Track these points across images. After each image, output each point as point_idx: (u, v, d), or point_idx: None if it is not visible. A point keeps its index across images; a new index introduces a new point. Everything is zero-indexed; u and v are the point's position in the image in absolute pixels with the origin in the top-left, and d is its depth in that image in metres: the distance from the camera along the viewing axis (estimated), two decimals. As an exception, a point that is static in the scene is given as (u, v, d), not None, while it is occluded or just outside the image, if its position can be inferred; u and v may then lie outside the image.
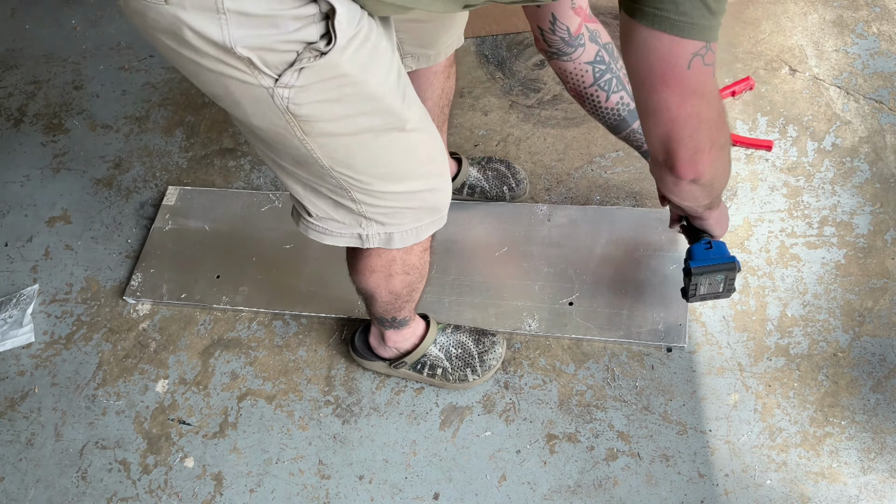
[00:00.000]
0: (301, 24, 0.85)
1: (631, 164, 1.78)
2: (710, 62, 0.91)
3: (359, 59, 0.90)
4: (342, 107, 0.94)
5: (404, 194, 1.11)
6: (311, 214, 1.15)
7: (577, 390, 1.53)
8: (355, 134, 0.99)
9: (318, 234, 1.18)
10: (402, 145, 1.05)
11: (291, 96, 0.90)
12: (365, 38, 0.90)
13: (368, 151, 1.02)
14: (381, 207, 1.12)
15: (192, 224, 1.91)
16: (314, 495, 1.52)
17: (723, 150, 1.05)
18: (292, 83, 0.89)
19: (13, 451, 1.69)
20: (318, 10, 0.85)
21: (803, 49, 1.88)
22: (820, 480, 1.37)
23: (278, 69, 0.88)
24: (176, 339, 1.77)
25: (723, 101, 1.02)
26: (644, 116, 1.00)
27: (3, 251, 2.02)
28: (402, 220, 1.15)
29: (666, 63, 0.90)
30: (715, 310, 1.55)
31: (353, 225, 1.15)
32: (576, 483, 1.44)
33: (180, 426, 1.65)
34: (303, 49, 0.87)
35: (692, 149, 0.99)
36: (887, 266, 1.55)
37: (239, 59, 0.86)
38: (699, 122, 0.97)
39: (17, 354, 1.83)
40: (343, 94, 0.93)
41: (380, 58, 0.94)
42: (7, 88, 2.37)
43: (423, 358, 1.53)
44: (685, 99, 0.94)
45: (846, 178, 1.67)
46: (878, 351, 1.46)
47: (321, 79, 0.89)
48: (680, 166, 1.02)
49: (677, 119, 0.96)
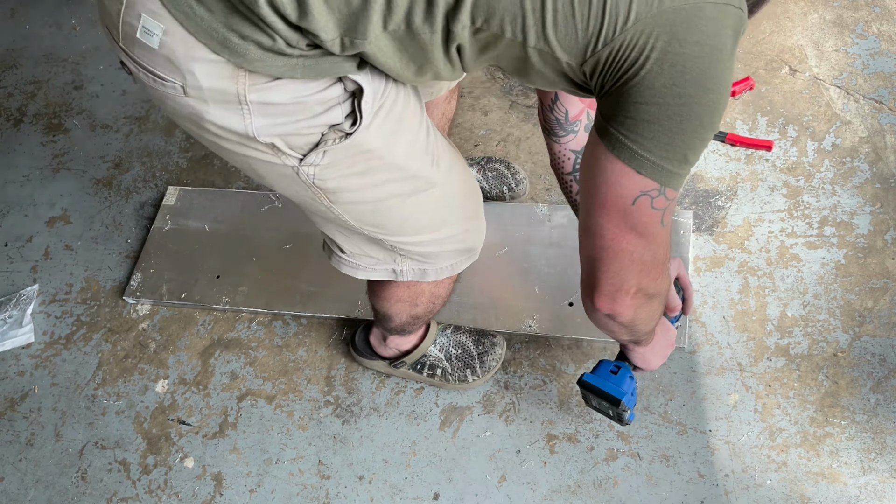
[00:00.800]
0: (326, 106, 0.83)
1: (631, 164, 1.78)
2: (659, 206, 0.85)
3: (385, 129, 0.89)
4: (369, 178, 0.93)
5: (438, 240, 1.10)
6: (343, 251, 1.12)
7: (577, 390, 1.52)
8: (382, 200, 0.97)
9: (351, 269, 1.14)
10: (433, 202, 1.03)
11: (317, 173, 0.89)
12: (392, 104, 0.89)
13: (397, 212, 1.00)
14: (415, 252, 1.10)
15: (192, 224, 1.91)
16: (314, 495, 1.52)
17: (650, 300, 0.97)
18: (317, 162, 0.87)
19: (13, 451, 1.69)
20: (344, 90, 0.84)
21: (803, 49, 1.88)
22: (820, 481, 1.37)
23: (303, 150, 0.87)
24: (176, 339, 1.77)
25: (666, 254, 0.94)
26: (581, 231, 0.94)
27: (3, 251, 2.02)
28: (437, 259, 1.14)
29: (611, 190, 0.84)
30: (715, 310, 1.55)
31: (388, 261, 1.12)
32: (576, 483, 1.44)
33: (180, 426, 1.65)
34: (328, 130, 0.85)
35: (615, 285, 0.92)
36: (887, 266, 1.55)
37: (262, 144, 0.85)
38: (630, 262, 0.90)
39: (17, 354, 1.83)
40: (370, 168, 0.91)
41: (407, 121, 0.92)
42: (7, 88, 2.37)
43: (423, 358, 1.53)
44: (622, 233, 0.87)
45: (846, 179, 1.67)
46: (878, 351, 1.46)
47: (347, 156, 0.88)
48: (598, 297, 0.95)
49: (608, 249, 0.90)
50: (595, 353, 1.56)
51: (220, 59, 0.79)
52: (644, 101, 0.77)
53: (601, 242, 0.89)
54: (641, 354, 1.22)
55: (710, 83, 0.77)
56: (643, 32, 0.74)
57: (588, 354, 1.56)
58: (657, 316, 1.06)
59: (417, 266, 1.14)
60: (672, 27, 0.74)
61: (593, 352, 1.56)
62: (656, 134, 0.79)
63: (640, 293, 0.94)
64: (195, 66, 0.79)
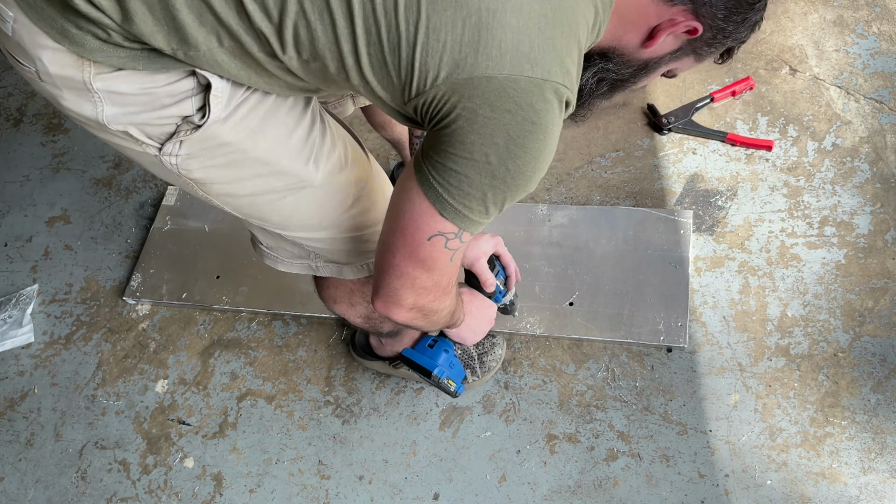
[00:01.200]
0: (176, 98, 0.84)
1: (631, 164, 1.78)
2: (453, 247, 0.91)
3: (246, 125, 0.89)
4: (235, 171, 0.94)
5: (338, 239, 1.09)
6: (261, 242, 1.15)
7: (577, 390, 1.52)
8: (256, 195, 0.98)
9: (271, 261, 1.17)
10: (317, 200, 1.02)
11: (179, 163, 0.90)
12: (257, 102, 0.89)
13: (278, 208, 1.01)
14: (319, 248, 1.10)
15: (192, 224, 1.91)
16: (314, 495, 1.52)
17: (425, 316, 1.03)
18: (175, 152, 0.89)
19: (13, 451, 1.69)
20: (197, 83, 0.84)
21: (803, 49, 1.88)
22: (820, 481, 1.37)
23: (160, 139, 0.88)
24: (176, 339, 1.77)
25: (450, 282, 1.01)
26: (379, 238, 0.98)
27: (3, 251, 2.02)
28: (348, 257, 1.13)
29: (412, 222, 0.89)
30: (715, 310, 1.55)
31: (303, 255, 1.13)
32: (576, 483, 1.44)
33: (180, 426, 1.65)
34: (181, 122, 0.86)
35: (392, 297, 0.98)
36: (887, 266, 1.55)
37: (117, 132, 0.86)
38: (412, 285, 0.95)
39: (17, 354, 1.83)
40: (233, 160, 0.92)
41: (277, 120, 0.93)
42: (7, 88, 2.37)
43: (422, 358, 1.53)
44: (410, 262, 0.92)
45: (846, 178, 1.67)
46: (878, 351, 1.46)
47: (204, 147, 0.89)
48: (376, 300, 1.00)
49: (396, 268, 0.94)
50: (595, 352, 1.55)
51: (62, 47, 0.80)
52: (455, 151, 0.81)
53: (391, 260, 0.94)
54: (456, 333, 1.33)
55: (518, 151, 0.80)
56: (454, 92, 0.77)
57: (588, 355, 1.56)
58: (443, 320, 1.11)
59: (332, 263, 1.14)
60: (484, 93, 0.77)
61: (593, 352, 1.56)
62: (462, 184, 0.83)
63: (415, 309, 1.00)
64: (42, 53, 0.81)
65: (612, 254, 1.64)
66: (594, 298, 1.60)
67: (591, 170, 1.80)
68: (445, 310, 1.07)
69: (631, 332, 1.54)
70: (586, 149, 1.84)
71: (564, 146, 1.85)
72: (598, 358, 1.55)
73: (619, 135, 1.84)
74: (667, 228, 1.64)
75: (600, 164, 1.81)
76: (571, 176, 1.80)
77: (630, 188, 1.75)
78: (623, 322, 1.55)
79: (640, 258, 1.62)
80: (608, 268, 1.63)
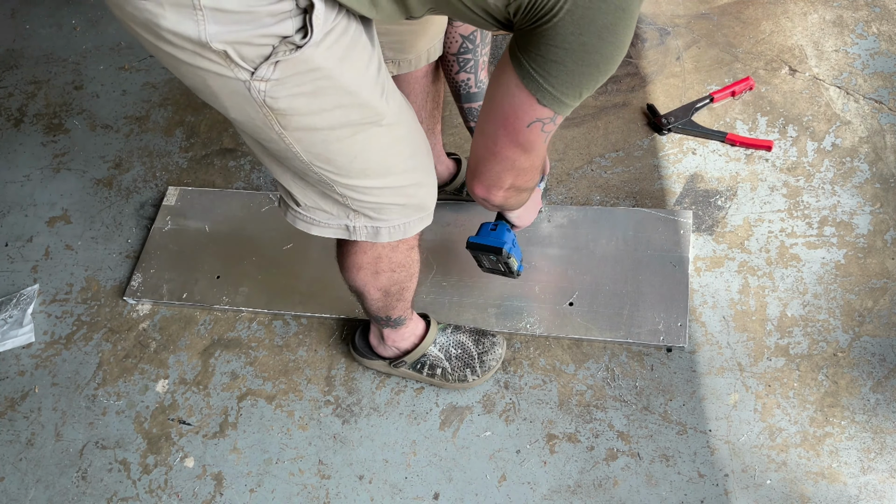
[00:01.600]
0: (277, 18, 0.85)
1: (631, 164, 1.78)
2: (548, 130, 1.01)
3: (335, 52, 0.91)
4: (318, 100, 0.95)
5: (388, 190, 1.11)
6: (298, 204, 1.15)
7: (577, 390, 1.53)
8: (332, 128, 0.99)
9: (305, 224, 1.17)
10: (382, 141, 1.05)
11: (268, 90, 0.91)
12: (342, 31, 0.91)
13: (346, 147, 1.02)
14: (366, 202, 1.12)
15: (192, 224, 1.91)
16: (314, 495, 1.52)
17: (520, 193, 1.19)
18: (268, 76, 0.89)
19: (13, 451, 1.69)
20: (296, 5, 0.85)
21: (803, 49, 1.88)
22: (820, 480, 1.37)
23: (254, 62, 0.88)
24: (176, 339, 1.77)
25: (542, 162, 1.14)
26: (477, 130, 1.09)
27: (4, 251, 2.02)
28: (390, 215, 1.16)
29: (513, 112, 0.99)
30: (715, 310, 1.55)
31: (342, 216, 1.14)
32: (576, 483, 1.44)
33: (180, 426, 1.65)
34: (279, 43, 0.87)
35: (493, 181, 1.12)
36: (887, 266, 1.55)
37: (215, 52, 0.86)
38: (511, 167, 1.09)
39: (18, 354, 1.83)
40: (319, 88, 0.93)
41: (357, 51, 0.95)
42: (7, 88, 2.37)
43: (422, 357, 1.53)
44: (511, 146, 1.04)
45: (846, 179, 1.67)
46: (878, 351, 1.46)
47: (297, 72, 0.90)
48: (477, 186, 1.15)
49: (497, 155, 1.07)
50: (595, 352, 1.56)
51: None
52: (554, 44, 0.89)
53: (492, 148, 1.07)
54: (518, 215, 1.44)
55: (611, 37, 0.89)
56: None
57: (588, 355, 1.56)
58: (525, 198, 1.26)
59: (370, 223, 1.16)
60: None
61: (593, 352, 1.56)
62: (560, 73, 0.92)
63: (512, 188, 1.15)
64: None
65: (611, 254, 1.65)
66: (594, 298, 1.60)
67: (590, 170, 1.80)
68: (532, 187, 1.21)
69: (631, 332, 1.54)
70: (586, 149, 1.84)
71: (564, 146, 1.85)
72: (598, 358, 1.55)
73: (619, 135, 1.84)
74: (666, 228, 1.65)
75: (600, 164, 1.81)
76: (571, 176, 1.80)
77: (630, 188, 1.75)
78: (623, 322, 1.56)
79: (639, 258, 1.63)
80: (608, 268, 1.63)
